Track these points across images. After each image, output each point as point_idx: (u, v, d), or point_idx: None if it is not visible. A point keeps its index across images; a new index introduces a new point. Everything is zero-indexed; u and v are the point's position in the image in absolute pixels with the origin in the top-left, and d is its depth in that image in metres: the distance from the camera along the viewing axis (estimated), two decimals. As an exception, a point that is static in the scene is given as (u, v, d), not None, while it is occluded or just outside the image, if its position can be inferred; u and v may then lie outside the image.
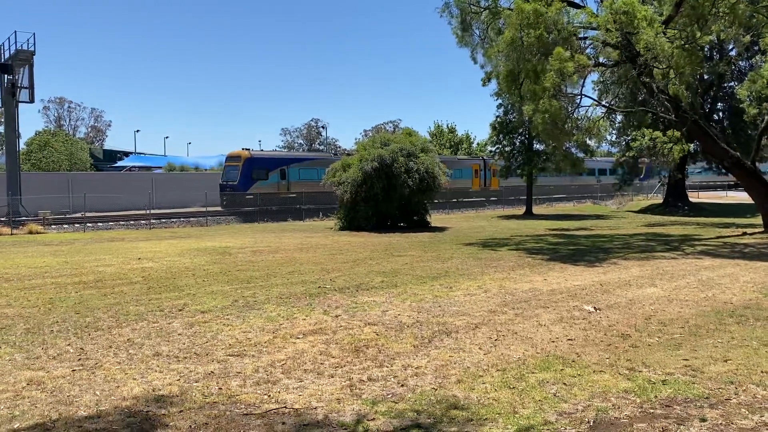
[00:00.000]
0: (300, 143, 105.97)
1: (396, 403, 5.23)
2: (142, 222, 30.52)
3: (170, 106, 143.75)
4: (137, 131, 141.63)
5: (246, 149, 37.91)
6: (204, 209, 32.94)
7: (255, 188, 36.57)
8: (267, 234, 23.79)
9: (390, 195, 25.25)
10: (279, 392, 5.55)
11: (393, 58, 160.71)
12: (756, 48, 30.91)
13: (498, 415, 4.90)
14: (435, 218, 30.51)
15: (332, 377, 5.96)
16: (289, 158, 41.67)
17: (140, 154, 71.51)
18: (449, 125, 77.70)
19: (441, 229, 25.57)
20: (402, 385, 5.69)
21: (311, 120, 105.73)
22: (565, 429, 4.62)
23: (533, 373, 6.02)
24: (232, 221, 33.35)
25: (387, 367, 6.27)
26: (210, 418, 4.93)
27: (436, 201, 31.48)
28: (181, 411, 5.09)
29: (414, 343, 7.18)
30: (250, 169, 36.61)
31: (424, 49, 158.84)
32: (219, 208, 36.15)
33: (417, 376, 5.98)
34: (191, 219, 32.59)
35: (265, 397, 5.44)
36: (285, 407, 5.16)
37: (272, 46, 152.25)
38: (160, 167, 54.81)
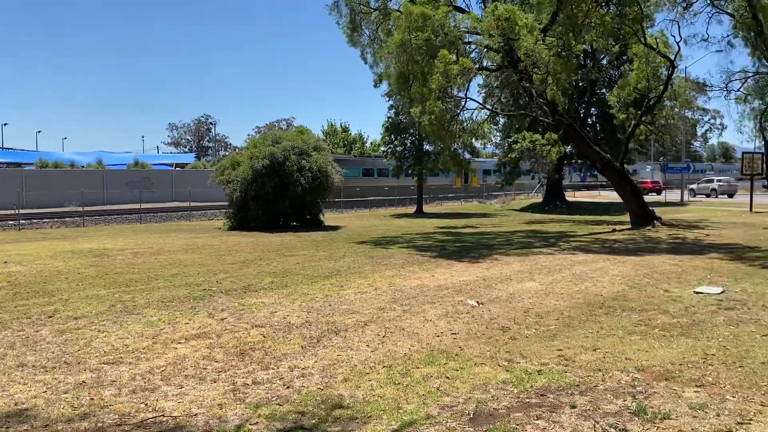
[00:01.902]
0: (187, 140, 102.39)
1: (280, 405, 5.14)
2: (10, 222, 28.16)
3: (43, 98, 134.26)
4: (5, 125, 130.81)
5: None
6: (80, 209, 30.93)
7: None
8: (150, 234, 22.72)
9: (282, 194, 24.90)
10: (157, 400, 5.29)
11: (287, 56, 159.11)
12: (624, 57, 33.46)
13: (382, 411, 4.95)
14: (329, 217, 30.46)
15: (215, 382, 5.77)
16: None
17: (8, 149, 66.01)
18: (343, 124, 78.09)
19: (334, 228, 25.56)
20: (288, 387, 5.61)
21: (201, 116, 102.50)
22: (446, 422, 4.74)
23: (418, 368, 6.14)
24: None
25: (273, 369, 6.16)
26: (78, 431, 4.61)
27: (331, 200, 31.47)
28: (46, 425, 4.73)
29: (302, 344, 7.10)
30: None
31: (318, 47, 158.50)
32: (98, 208, 34.22)
33: (303, 377, 5.92)
34: (66, 219, 30.49)
35: (142, 405, 5.17)
36: (163, 415, 4.93)
37: (158, 38, 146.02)
38: (31, 164, 50.74)
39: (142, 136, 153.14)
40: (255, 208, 24.76)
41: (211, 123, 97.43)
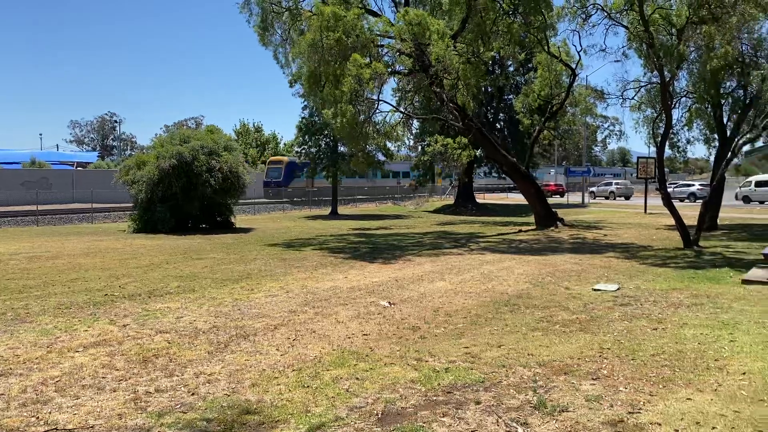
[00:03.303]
0: (91, 138, 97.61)
1: (185, 413, 4.98)
2: None
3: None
4: None
5: (285, 155, 53.73)
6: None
7: (293, 184, 47.80)
8: (48, 238, 21.42)
9: (191, 195, 24.12)
10: (50, 413, 4.99)
11: (196, 52, 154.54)
12: (529, 65, 34.85)
13: (290, 415, 4.90)
14: (241, 219, 29.85)
15: (115, 391, 5.51)
16: None
17: None
18: (255, 124, 76.78)
19: (246, 230, 25.07)
20: (193, 394, 5.44)
21: (105, 113, 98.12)
22: (355, 423, 4.75)
23: (328, 370, 6.12)
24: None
25: (177, 376, 5.96)
26: (-40, 450, 4.28)
27: (243, 201, 30.84)
28: None
29: (209, 349, 6.92)
30: (290, 169, 47.91)
31: (231, 45, 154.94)
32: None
33: (210, 383, 5.76)
34: (-48, 222, 28.24)
35: (33, 419, 4.86)
36: (56, 429, 4.66)
37: (60, 30, 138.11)
38: None
39: (40, 134, 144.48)
40: (162, 209, 23.85)
41: (116, 121, 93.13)
